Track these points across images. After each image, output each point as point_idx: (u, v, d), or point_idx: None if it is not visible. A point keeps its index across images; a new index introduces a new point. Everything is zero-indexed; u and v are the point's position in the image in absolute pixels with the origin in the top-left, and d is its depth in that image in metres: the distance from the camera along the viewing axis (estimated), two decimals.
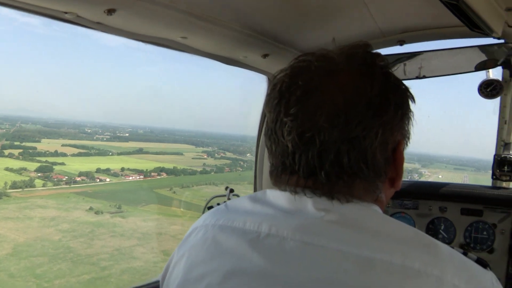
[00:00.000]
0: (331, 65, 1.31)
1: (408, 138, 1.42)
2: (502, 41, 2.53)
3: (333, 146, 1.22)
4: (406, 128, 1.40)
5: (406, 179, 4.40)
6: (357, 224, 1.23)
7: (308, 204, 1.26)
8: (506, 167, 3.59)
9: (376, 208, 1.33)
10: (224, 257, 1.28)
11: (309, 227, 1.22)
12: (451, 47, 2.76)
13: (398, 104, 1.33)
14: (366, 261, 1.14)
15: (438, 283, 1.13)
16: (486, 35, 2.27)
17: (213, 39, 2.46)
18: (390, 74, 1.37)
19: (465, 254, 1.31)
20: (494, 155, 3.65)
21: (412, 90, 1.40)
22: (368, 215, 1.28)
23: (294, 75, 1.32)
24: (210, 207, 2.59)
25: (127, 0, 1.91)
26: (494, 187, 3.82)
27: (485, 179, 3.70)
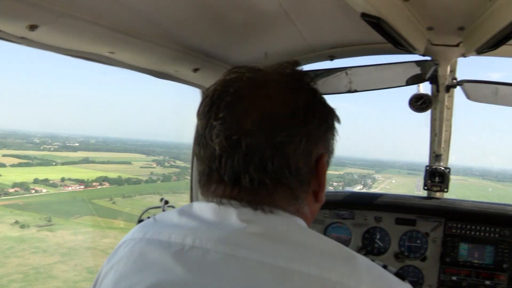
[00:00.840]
0: (261, 77, 1.36)
1: (332, 153, 1.46)
2: (428, 58, 2.62)
3: (258, 150, 1.25)
4: (330, 143, 1.44)
5: (339, 191, 4.50)
6: (278, 235, 1.24)
7: (233, 215, 1.27)
8: (437, 178, 3.70)
9: (299, 221, 1.36)
10: (149, 270, 1.27)
11: (232, 239, 1.22)
12: (381, 62, 2.84)
13: (322, 119, 1.39)
14: (283, 272, 1.14)
15: None
16: (410, 52, 2.36)
17: (141, 54, 2.45)
18: (316, 91, 1.43)
19: (385, 267, 1.36)
20: (426, 167, 3.77)
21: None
22: (290, 227, 1.29)
23: (226, 85, 1.35)
24: (141, 221, 2.56)
25: (49, 16, 1.89)
26: (427, 197, 3.94)
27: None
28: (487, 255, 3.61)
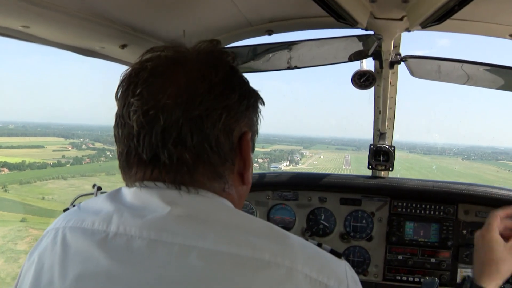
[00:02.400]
0: (179, 55, 1.35)
1: (256, 132, 1.46)
2: (371, 32, 2.50)
3: (176, 124, 1.23)
4: (254, 121, 1.44)
5: (284, 171, 4.47)
6: (205, 217, 1.22)
7: (156, 198, 1.24)
8: (381, 157, 3.65)
9: (226, 202, 1.34)
10: (73, 260, 1.21)
11: (156, 223, 1.19)
12: (322, 37, 2.71)
13: (243, 95, 1.37)
14: (211, 255, 1.13)
15: (288, 273, 1.14)
16: (352, 26, 2.23)
17: (60, 29, 2.22)
18: (236, 69, 1.42)
19: (319, 245, 1.34)
20: (370, 145, 3.70)
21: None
22: (217, 208, 1.28)
23: (143, 62, 1.33)
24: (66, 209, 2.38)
25: None
26: (371, 176, 3.90)
27: (365, 157, 3.76)
28: (433, 233, 3.65)
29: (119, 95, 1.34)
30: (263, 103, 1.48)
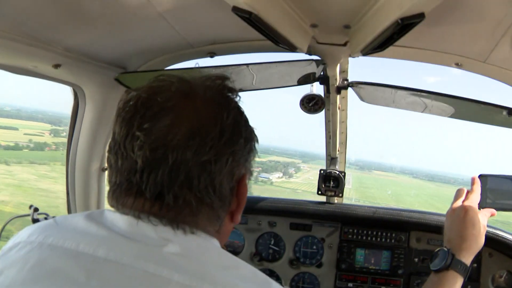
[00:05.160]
0: (189, 90, 1.31)
1: (251, 174, 1.45)
2: (316, 57, 2.45)
3: (185, 166, 1.21)
4: (251, 164, 1.43)
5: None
6: (198, 257, 1.21)
7: (151, 231, 1.22)
8: (331, 183, 3.58)
9: (216, 243, 1.34)
10: (51, 280, 1.14)
11: (150, 256, 1.16)
12: (267, 61, 2.64)
13: (247, 139, 1.37)
14: None
15: None
16: (292, 50, 2.16)
17: None
18: (242, 110, 1.40)
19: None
20: (320, 170, 3.63)
21: None
22: (207, 249, 1.27)
23: (152, 92, 1.29)
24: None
25: None
26: (323, 202, 3.82)
27: (368, 177, 3.72)
28: (383, 261, 3.59)
29: (120, 120, 1.29)
30: (257, 141, 1.46)
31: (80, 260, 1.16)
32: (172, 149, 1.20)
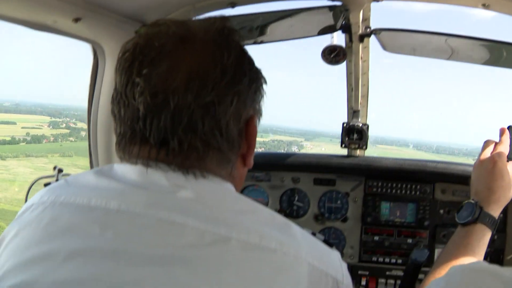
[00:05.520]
0: (187, 32, 1.28)
1: (260, 115, 1.43)
2: (338, 3, 2.39)
3: (187, 110, 1.20)
4: (259, 104, 1.42)
5: (273, 151, 4.39)
6: (211, 202, 1.22)
7: (162, 178, 1.22)
8: (355, 135, 3.54)
9: (230, 187, 1.34)
10: (66, 236, 1.16)
11: (163, 203, 1.17)
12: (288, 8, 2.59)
13: (252, 78, 1.35)
14: (222, 240, 1.13)
15: (295, 261, 1.17)
16: None
17: (10, 2, 2.10)
18: (245, 50, 1.38)
19: (313, 234, 1.36)
20: (343, 123, 3.59)
21: None
22: (222, 193, 1.28)
23: (150, 38, 1.27)
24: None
25: None
26: (346, 155, 3.79)
27: (370, 151, 3.69)
28: (409, 213, 3.56)
29: (119, 68, 1.28)
30: (265, 82, 1.44)
31: (93, 214, 1.18)
32: (173, 93, 1.20)
